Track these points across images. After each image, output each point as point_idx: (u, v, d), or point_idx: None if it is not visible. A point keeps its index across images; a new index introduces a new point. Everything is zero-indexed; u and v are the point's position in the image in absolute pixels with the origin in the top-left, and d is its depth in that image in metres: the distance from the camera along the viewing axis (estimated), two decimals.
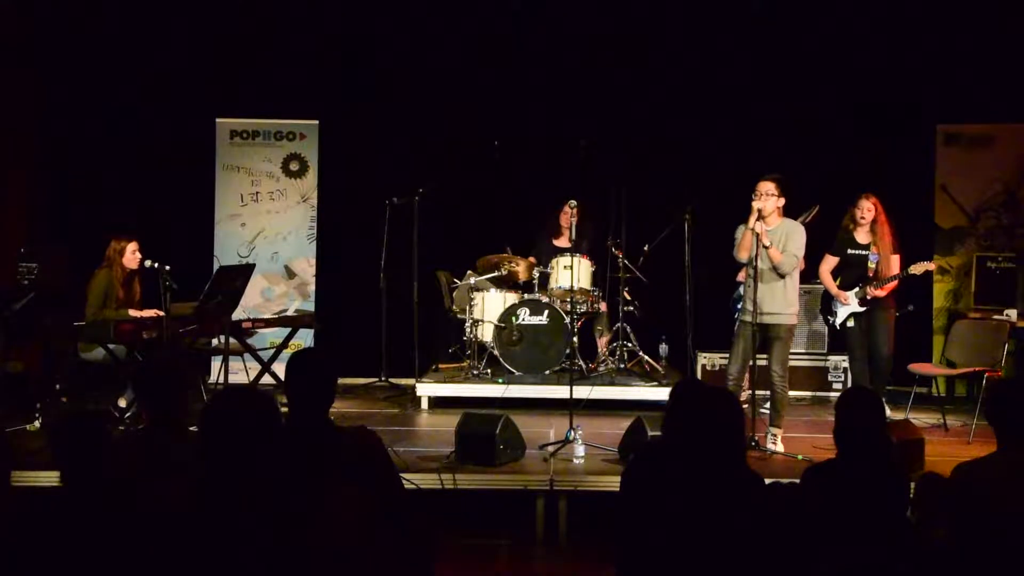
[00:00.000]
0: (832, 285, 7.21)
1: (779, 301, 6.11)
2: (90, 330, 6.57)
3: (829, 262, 7.24)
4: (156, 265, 6.47)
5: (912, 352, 7.84)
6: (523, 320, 7.76)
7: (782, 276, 6.08)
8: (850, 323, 7.17)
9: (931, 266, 7.48)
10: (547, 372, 7.74)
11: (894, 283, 7.08)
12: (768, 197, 6.07)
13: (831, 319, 7.34)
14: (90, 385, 6.96)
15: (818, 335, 8.62)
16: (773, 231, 6.09)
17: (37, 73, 8.78)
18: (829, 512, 3.40)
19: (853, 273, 7.15)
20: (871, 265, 7.07)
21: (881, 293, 7.06)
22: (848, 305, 7.14)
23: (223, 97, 9.01)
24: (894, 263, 7.09)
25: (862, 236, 7.13)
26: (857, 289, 7.10)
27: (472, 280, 8.11)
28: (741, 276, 6.65)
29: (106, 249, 6.86)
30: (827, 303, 7.44)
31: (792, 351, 7.61)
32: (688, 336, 7.47)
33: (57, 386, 7.07)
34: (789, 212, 6.79)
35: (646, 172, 8.44)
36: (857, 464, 3.50)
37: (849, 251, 7.14)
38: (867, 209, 7.04)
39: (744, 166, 6.57)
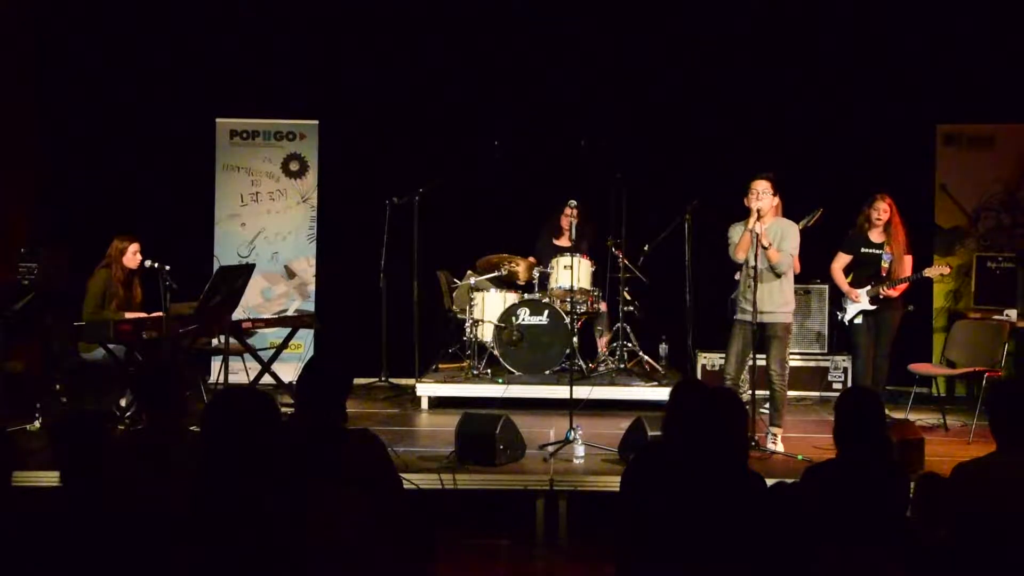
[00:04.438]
0: (843, 282, 7.21)
1: (776, 300, 6.12)
2: (90, 330, 6.57)
3: (841, 259, 7.24)
4: (156, 265, 6.47)
5: (912, 352, 7.83)
6: (523, 320, 7.76)
7: (778, 275, 6.10)
8: (858, 320, 7.17)
9: (946, 269, 7.50)
10: (547, 372, 7.74)
11: (906, 284, 7.08)
12: (765, 196, 6.08)
13: (840, 315, 7.34)
14: (90, 385, 6.96)
15: (818, 335, 8.62)
16: (768, 229, 6.09)
17: (37, 73, 8.78)
18: (829, 512, 3.40)
19: (865, 272, 7.15)
20: (884, 264, 7.07)
21: (894, 293, 7.06)
22: (858, 302, 7.14)
23: (223, 97, 9.00)
24: (907, 264, 7.10)
25: (876, 236, 7.13)
26: (869, 287, 7.10)
27: (472, 280, 8.11)
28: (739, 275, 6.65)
29: (108, 247, 6.87)
30: (838, 299, 7.46)
31: (792, 351, 7.62)
32: (688, 336, 7.47)
33: (57, 386, 7.06)
34: (790, 213, 6.80)
35: (646, 172, 8.44)
36: (857, 464, 3.50)
37: (863, 250, 7.14)
38: (883, 210, 7.05)
39: (744, 166, 6.56)
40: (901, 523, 3.49)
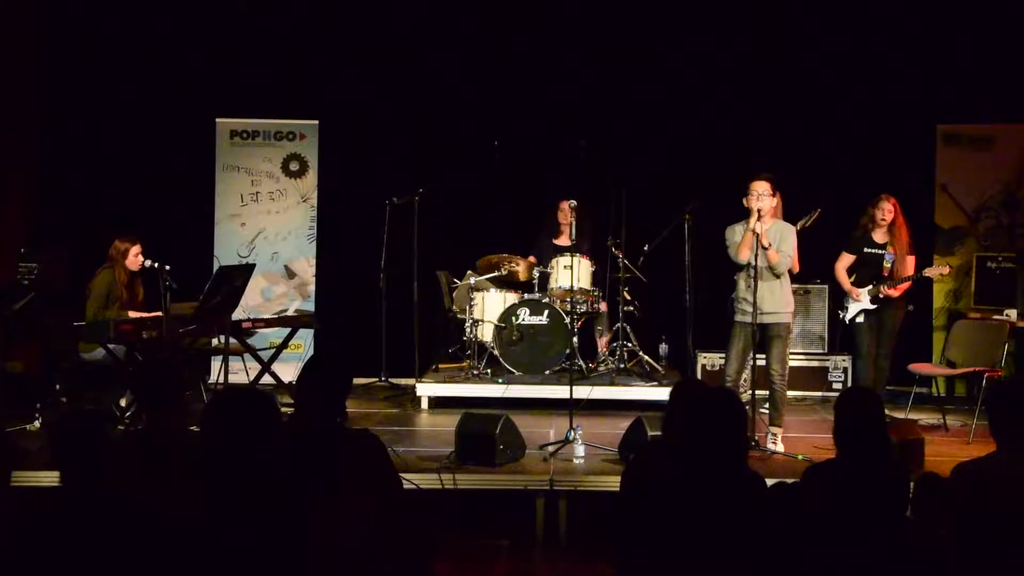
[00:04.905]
0: (846, 281, 7.23)
1: (777, 300, 6.13)
2: (90, 330, 6.57)
3: (845, 260, 7.26)
4: (156, 265, 6.47)
5: (912, 352, 7.83)
6: (523, 320, 7.76)
7: (777, 276, 6.12)
8: (860, 319, 7.18)
9: (945, 269, 7.49)
10: (547, 372, 7.74)
11: (907, 284, 7.09)
12: (764, 196, 6.08)
13: (841, 314, 7.36)
14: (90, 385, 6.96)
15: (818, 335, 8.61)
16: (768, 231, 6.10)
17: (37, 73, 8.78)
18: (829, 512, 3.40)
19: (868, 271, 7.17)
20: (886, 264, 7.09)
21: (894, 293, 7.07)
22: (860, 302, 7.15)
23: (223, 97, 9.00)
24: (909, 264, 7.11)
25: (879, 236, 7.15)
26: (871, 287, 7.11)
27: (472, 280, 8.11)
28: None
29: (109, 248, 6.87)
30: (839, 298, 7.47)
31: (792, 351, 7.62)
32: (688, 336, 7.47)
33: (57, 386, 7.06)
34: (788, 212, 6.81)
35: (646, 172, 8.44)
36: (857, 464, 3.50)
37: (866, 250, 7.17)
38: (887, 210, 7.07)
39: (744, 166, 6.56)
40: (901, 523, 3.49)
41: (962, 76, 8.62)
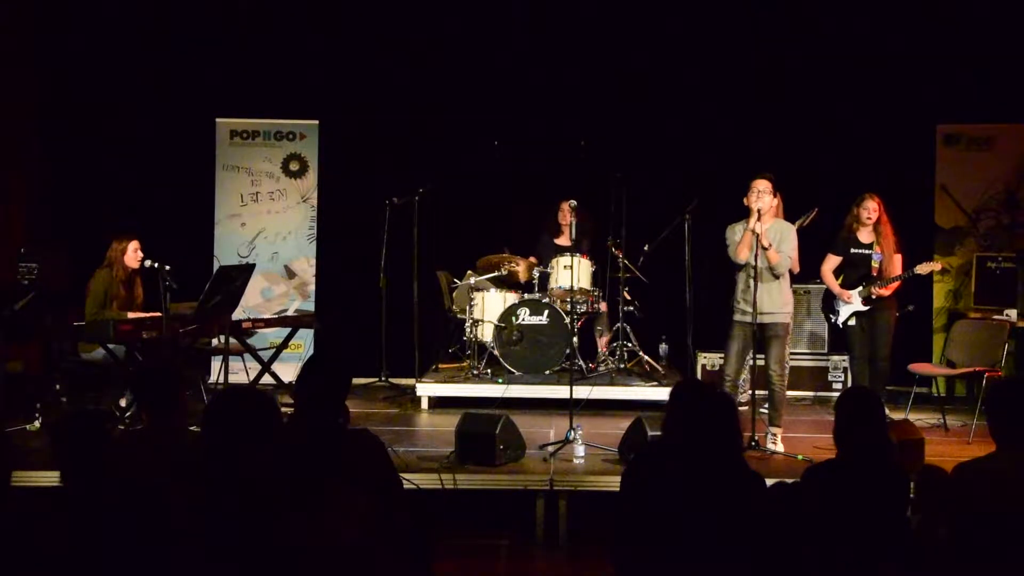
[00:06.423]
0: (834, 284, 7.21)
1: (776, 300, 6.12)
2: (90, 330, 6.57)
3: (832, 261, 7.24)
4: (156, 265, 6.47)
5: (912, 352, 7.83)
6: (523, 320, 7.76)
7: (777, 276, 6.11)
8: (852, 322, 7.17)
9: (936, 266, 7.46)
10: (547, 372, 7.74)
11: (898, 283, 7.08)
12: (764, 195, 6.07)
13: (833, 317, 7.34)
14: (90, 385, 6.96)
15: (818, 335, 8.61)
16: (768, 231, 6.09)
17: (37, 72, 8.79)
18: (829, 512, 3.40)
19: (856, 272, 7.15)
20: (875, 264, 7.08)
21: (885, 292, 7.06)
22: (851, 304, 7.14)
23: (223, 97, 9.00)
24: (897, 263, 7.10)
25: (865, 236, 7.13)
26: (861, 288, 7.10)
27: (472, 280, 8.11)
28: None
29: (107, 250, 6.87)
30: (829, 301, 7.43)
31: (792, 351, 7.61)
32: (688, 336, 7.47)
33: (57, 386, 7.06)
34: (787, 212, 6.80)
35: (646, 172, 8.44)
36: (857, 464, 3.50)
37: (852, 250, 7.15)
38: (872, 209, 7.05)
39: (744, 166, 6.56)
40: (901, 523, 3.49)
41: (962, 76, 8.62)
